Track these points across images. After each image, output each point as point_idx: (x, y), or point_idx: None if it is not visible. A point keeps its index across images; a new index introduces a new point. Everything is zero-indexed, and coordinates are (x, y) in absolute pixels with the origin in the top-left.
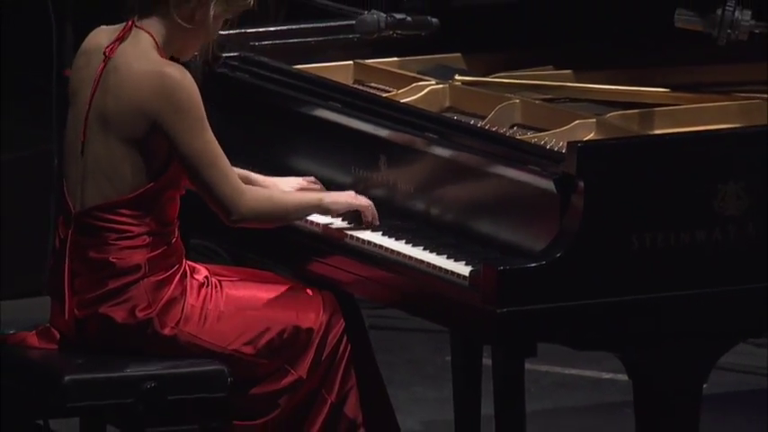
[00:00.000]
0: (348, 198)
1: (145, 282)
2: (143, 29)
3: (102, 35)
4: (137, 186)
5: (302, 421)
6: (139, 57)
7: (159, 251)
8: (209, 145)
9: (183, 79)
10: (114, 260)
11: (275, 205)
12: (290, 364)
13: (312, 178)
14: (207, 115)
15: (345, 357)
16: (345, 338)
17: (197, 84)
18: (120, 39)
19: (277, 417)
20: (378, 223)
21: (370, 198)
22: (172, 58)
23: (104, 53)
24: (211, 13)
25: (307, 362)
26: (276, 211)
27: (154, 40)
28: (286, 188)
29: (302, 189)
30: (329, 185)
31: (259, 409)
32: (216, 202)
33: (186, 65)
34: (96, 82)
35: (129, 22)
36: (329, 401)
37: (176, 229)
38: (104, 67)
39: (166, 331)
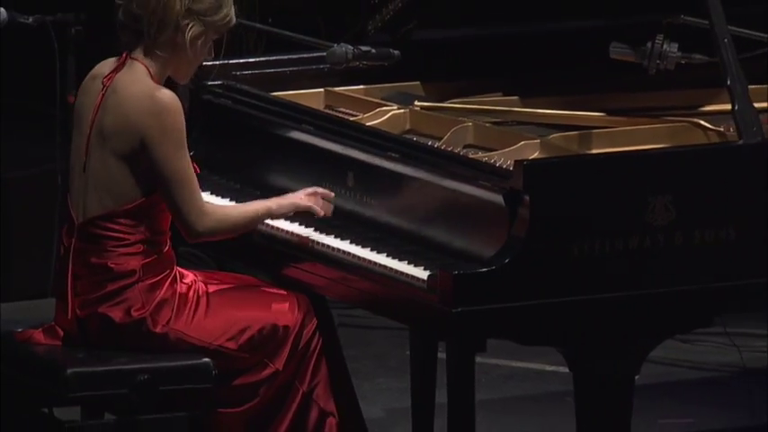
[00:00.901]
0: (293, 200)
1: (139, 285)
2: (136, 60)
3: (105, 66)
4: (132, 199)
5: (277, 409)
6: (135, 81)
7: (152, 258)
8: (184, 167)
9: (172, 103)
10: (113, 265)
11: (230, 222)
12: (268, 358)
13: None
14: (193, 136)
15: (316, 352)
16: (317, 335)
17: (183, 108)
18: (117, 69)
19: (256, 405)
20: (330, 215)
21: (339, 211)
22: (169, 83)
23: (103, 82)
24: (188, 36)
25: (283, 356)
26: (230, 227)
27: (147, 69)
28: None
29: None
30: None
31: (240, 399)
32: (179, 219)
33: (174, 90)
34: (97, 106)
35: (124, 55)
36: (301, 391)
37: (168, 239)
38: (104, 92)
39: (158, 329)
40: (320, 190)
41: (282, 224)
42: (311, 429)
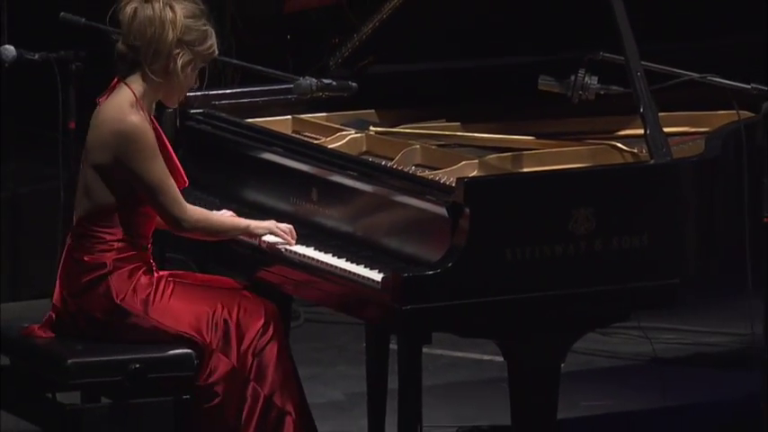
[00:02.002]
0: (270, 225)
1: (112, 276)
2: (126, 85)
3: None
4: (106, 205)
5: (241, 413)
6: (114, 105)
7: (126, 254)
8: (158, 174)
9: (138, 125)
10: (87, 259)
11: (211, 223)
12: (224, 352)
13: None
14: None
15: (275, 358)
16: (277, 341)
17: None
18: (108, 92)
19: (218, 405)
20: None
21: (305, 221)
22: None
23: (97, 102)
24: (179, 63)
25: (238, 352)
26: (211, 228)
27: (133, 93)
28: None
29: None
30: (273, 212)
31: (202, 397)
32: (165, 215)
33: (159, 119)
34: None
35: (116, 80)
36: (263, 395)
37: (149, 245)
38: (95, 113)
39: (132, 316)
40: (286, 228)
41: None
42: (272, 429)
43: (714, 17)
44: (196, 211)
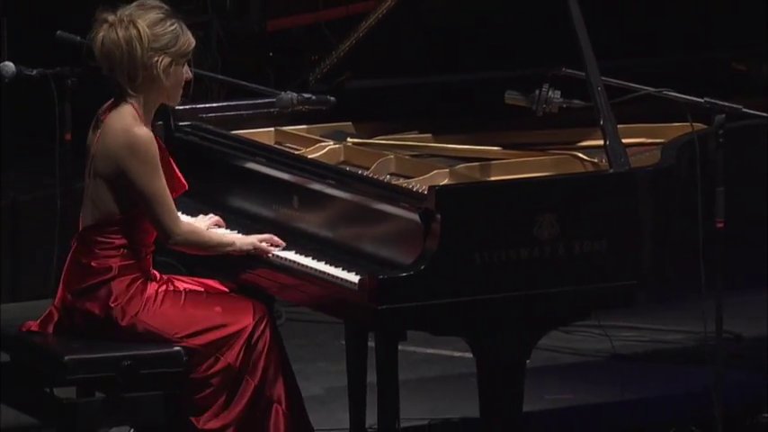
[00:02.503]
0: (254, 242)
1: (114, 282)
2: (126, 101)
3: (102, 109)
4: (113, 214)
5: (232, 401)
6: (119, 119)
7: (130, 262)
8: (159, 188)
9: (144, 137)
10: (94, 264)
11: (201, 240)
12: (221, 354)
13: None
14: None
15: (265, 350)
16: (267, 336)
17: (160, 142)
18: (110, 109)
19: (209, 394)
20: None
21: (286, 227)
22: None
23: (100, 119)
24: (160, 69)
25: (235, 352)
26: (199, 243)
27: (133, 107)
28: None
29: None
30: (256, 218)
31: (194, 389)
32: (158, 227)
33: (154, 130)
34: (96, 139)
35: (115, 99)
36: (253, 384)
37: (149, 253)
38: (100, 128)
39: (127, 321)
40: (275, 238)
41: None
42: (261, 417)
43: (671, 35)
44: (188, 227)
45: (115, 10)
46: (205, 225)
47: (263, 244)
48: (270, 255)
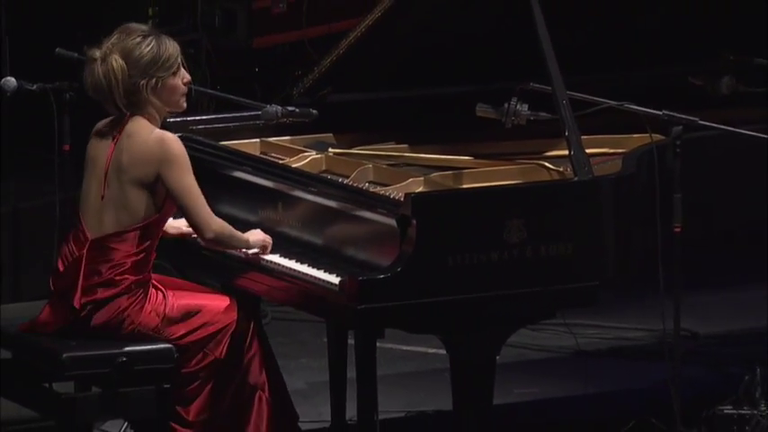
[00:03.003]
0: (264, 238)
1: (125, 296)
2: (137, 115)
3: (104, 124)
4: (147, 216)
5: (219, 391)
6: (143, 128)
7: (140, 277)
8: (192, 185)
9: (175, 141)
10: (110, 275)
11: (230, 235)
12: (209, 350)
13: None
14: None
15: (248, 342)
16: (251, 329)
17: None
18: (124, 123)
19: (198, 386)
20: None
21: (271, 232)
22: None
23: (113, 135)
24: (148, 91)
25: (223, 347)
26: (229, 239)
27: (147, 119)
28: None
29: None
30: (244, 223)
31: (183, 382)
32: (196, 220)
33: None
34: (111, 150)
35: (127, 115)
36: (238, 375)
37: (152, 261)
38: (116, 141)
39: (131, 327)
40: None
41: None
42: (245, 403)
43: (633, 51)
44: (221, 222)
45: (101, 44)
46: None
47: (268, 243)
48: (261, 258)
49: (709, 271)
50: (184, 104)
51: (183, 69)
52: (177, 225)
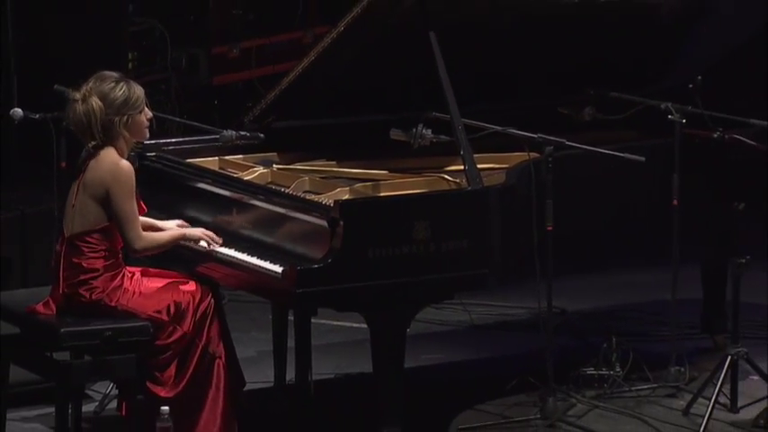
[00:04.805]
0: (200, 233)
1: (101, 277)
2: (108, 145)
3: (87, 148)
4: (98, 223)
5: (185, 361)
6: (107, 155)
7: (110, 261)
8: (129, 209)
9: (126, 168)
10: (85, 264)
11: (157, 243)
12: (178, 324)
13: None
14: (139, 186)
15: (209, 318)
16: (210, 306)
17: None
18: (99, 150)
19: (169, 357)
20: (216, 245)
21: (226, 231)
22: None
23: (93, 156)
24: (120, 126)
25: (188, 322)
26: (157, 247)
27: (115, 149)
28: (173, 228)
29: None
30: (206, 224)
31: (158, 352)
32: (126, 240)
33: (130, 160)
34: (86, 168)
35: (101, 144)
36: (200, 345)
37: (121, 253)
38: (88, 162)
39: (111, 304)
40: (214, 236)
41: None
42: (206, 370)
43: (515, 86)
44: (146, 235)
45: (80, 87)
46: (174, 225)
47: (207, 235)
48: (214, 252)
49: (575, 260)
50: (148, 134)
51: (146, 108)
52: (169, 226)
